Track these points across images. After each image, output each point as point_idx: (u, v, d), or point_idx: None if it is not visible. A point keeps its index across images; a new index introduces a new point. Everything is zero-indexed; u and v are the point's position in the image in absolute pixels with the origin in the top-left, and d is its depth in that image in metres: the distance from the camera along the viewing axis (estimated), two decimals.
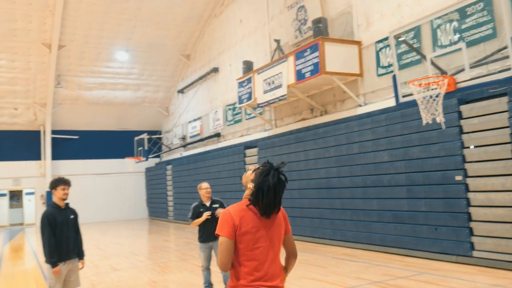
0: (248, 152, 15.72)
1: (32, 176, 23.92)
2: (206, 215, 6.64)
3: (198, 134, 21.32)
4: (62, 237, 5.33)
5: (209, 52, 20.53)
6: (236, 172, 16.22)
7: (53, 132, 24.03)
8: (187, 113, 22.87)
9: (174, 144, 24.30)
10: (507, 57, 6.29)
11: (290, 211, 13.12)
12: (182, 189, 21.24)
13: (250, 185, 2.87)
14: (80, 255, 5.64)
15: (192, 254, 11.59)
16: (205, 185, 6.96)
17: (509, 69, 6.10)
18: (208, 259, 6.77)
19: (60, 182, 5.42)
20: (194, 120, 21.82)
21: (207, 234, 6.63)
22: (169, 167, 23.39)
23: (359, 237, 10.50)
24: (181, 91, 23.41)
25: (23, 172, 23.80)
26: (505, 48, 6.50)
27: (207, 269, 6.81)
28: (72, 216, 5.55)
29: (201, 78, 20.83)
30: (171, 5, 19.58)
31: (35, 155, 24.11)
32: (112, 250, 13.46)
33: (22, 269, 11.44)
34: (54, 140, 24.10)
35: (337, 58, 11.27)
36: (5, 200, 26.08)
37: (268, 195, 2.77)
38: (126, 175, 25.55)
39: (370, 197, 10.25)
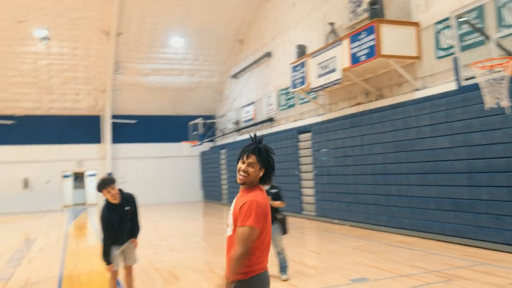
0: (302, 137, 15.66)
1: (94, 158, 25.02)
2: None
3: (251, 119, 21.46)
4: (119, 232, 5.58)
5: (262, 37, 20.50)
6: (289, 157, 16.23)
7: (113, 116, 24.95)
8: (240, 97, 23.04)
9: (228, 128, 24.59)
10: None
11: (344, 197, 13.09)
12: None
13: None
14: (134, 234, 5.83)
15: None
16: None
17: None
18: (274, 244, 6.85)
19: (104, 186, 5.35)
20: (248, 104, 21.95)
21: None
22: (223, 151, 23.73)
23: (416, 224, 10.26)
24: (234, 76, 23.58)
25: (85, 155, 24.96)
26: None
27: (278, 254, 6.96)
28: (127, 208, 5.58)
29: (254, 62, 20.87)
30: None
31: (96, 138, 25.19)
32: (169, 231, 13.91)
33: (85, 246, 12.06)
34: (113, 125, 25.04)
35: (393, 40, 10.95)
36: (69, 182, 27.44)
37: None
38: (182, 158, 26.20)
39: (428, 184, 9.96)
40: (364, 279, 6.79)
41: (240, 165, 2.98)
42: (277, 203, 6.91)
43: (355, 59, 11.60)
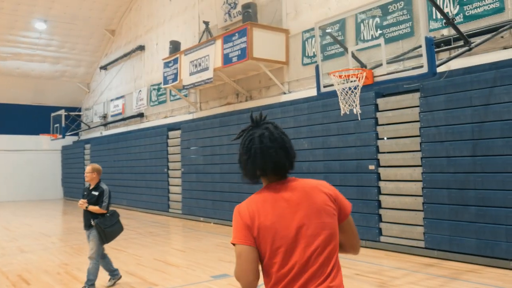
0: (171, 134, 15.49)
1: None
2: (80, 203, 6.18)
3: (120, 113, 20.64)
4: None
5: (135, 29, 19.85)
6: (158, 154, 15.95)
7: None
8: (109, 91, 22.03)
9: (94, 122, 23.35)
10: (421, 55, 6.65)
11: (210, 195, 13.22)
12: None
13: None
14: None
15: None
16: (87, 168, 6.42)
17: (422, 66, 6.46)
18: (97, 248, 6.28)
19: None
20: (117, 98, 21.07)
21: (83, 220, 6.38)
22: (87, 146, 22.49)
23: None
24: (104, 67, 22.48)
25: None
26: (419, 47, 6.87)
27: (93, 261, 6.26)
28: None
29: (125, 55, 20.11)
30: None
31: None
32: (22, 231, 12.76)
33: None
34: None
35: (264, 44, 11.35)
36: None
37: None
38: (41, 152, 24.23)
39: None
40: (225, 275, 6.92)
41: None
42: (92, 207, 6.17)
43: (227, 60, 11.79)
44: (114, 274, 6.65)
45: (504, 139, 6.89)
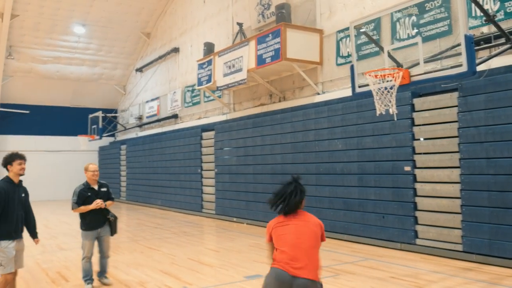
0: (205, 135, 15.62)
1: None
2: (99, 203, 6.26)
3: (155, 115, 20.98)
4: (13, 214, 5.13)
5: (170, 32, 20.15)
6: (192, 155, 16.11)
7: (2, 105, 23.00)
8: (144, 92, 22.43)
9: (130, 123, 23.82)
10: (459, 54, 6.47)
11: (243, 196, 13.23)
12: (136, 170, 20.95)
13: None
14: (34, 234, 5.58)
15: (144, 236, 11.47)
16: (92, 166, 6.49)
17: (461, 65, 6.28)
18: (92, 249, 6.43)
19: (16, 157, 5.26)
20: (152, 100, 21.44)
21: (95, 220, 6.34)
22: (123, 146, 22.95)
23: None
24: (139, 69, 22.90)
25: None
26: (458, 45, 6.69)
27: (90, 261, 6.44)
28: (23, 195, 5.37)
29: (160, 57, 20.44)
30: None
31: None
32: (61, 229, 13.13)
33: None
34: (2, 114, 23.10)
35: (298, 45, 11.30)
36: None
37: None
38: (79, 153, 24.86)
39: (323, 184, 10.42)
40: (258, 275, 6.91)
41: None
42: (109, 203, 6.45)
43: (260, 61, 11.81)
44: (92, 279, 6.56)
45: None
